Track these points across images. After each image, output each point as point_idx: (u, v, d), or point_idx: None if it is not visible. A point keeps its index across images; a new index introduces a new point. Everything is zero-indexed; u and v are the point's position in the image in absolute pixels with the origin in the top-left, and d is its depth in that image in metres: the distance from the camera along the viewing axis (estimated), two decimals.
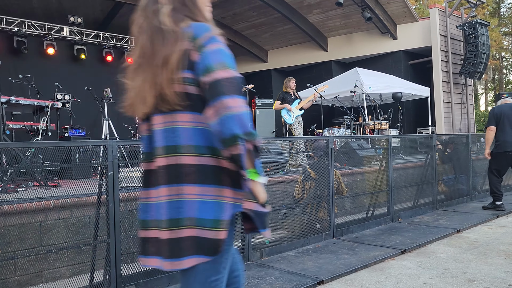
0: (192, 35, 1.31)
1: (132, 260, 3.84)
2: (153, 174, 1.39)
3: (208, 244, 1.31)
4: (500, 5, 26.63)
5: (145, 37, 1.37)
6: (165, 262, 1.34)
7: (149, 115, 1.39)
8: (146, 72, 1.35)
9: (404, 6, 10.89)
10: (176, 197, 1.33)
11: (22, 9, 10.02)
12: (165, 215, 1.33)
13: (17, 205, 3.41)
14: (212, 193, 1.32)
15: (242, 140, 1.22)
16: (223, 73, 1.26)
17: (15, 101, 5.55)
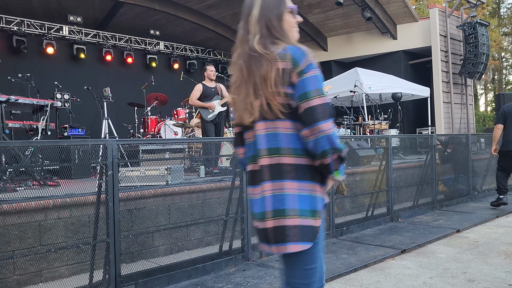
0: (291, 58, 1.54)
1: (131, 259, 3.83)
2: (258, 173, 1.61)
3: (308, 231, 1.54)
4: (500, 5, 26.64)
5: (242, 62, 1.65)
6: (273, 247, 1.57)
7: (252, 123, 1.63)
8: (248, 88, 1.61)
9: (404, 6, 10.88)
10: (279, 191, 1.55)
11: (21, 8, 10.00)
12: (270, 207, 1.56)
13: (16, 204, 3.40)
14: (308, 188, 1.55)
15: (330, 154, 1.51)
16: (318, 101, 1.50)
17: (15, 100, 5.54)
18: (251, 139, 1.67)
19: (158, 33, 11.86)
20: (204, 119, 6.43)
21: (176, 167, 4.76)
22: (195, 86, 6.56)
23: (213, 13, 11.77)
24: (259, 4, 1.65)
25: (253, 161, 1.65)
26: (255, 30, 1.63)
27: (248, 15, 1.67)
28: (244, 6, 1.70)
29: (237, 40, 1.72)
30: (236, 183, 4.08)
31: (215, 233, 4.48)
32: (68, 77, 9.81)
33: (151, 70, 11.86)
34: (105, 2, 10.47)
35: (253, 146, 1.66)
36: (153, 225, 4.11)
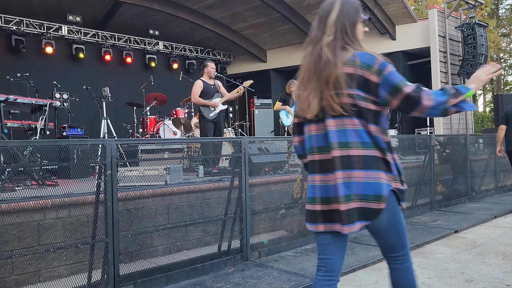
0: (360, 63, 1.75)
1: (130, 259, 3.83)
2: (330, 162, 1.82)
3: (369, 212, 1.78)
4: (499, 6, 26.69)
5: (312, 60, 1.83)
6: (344, 227, 1.80)
7: (319, 118, 1.84)
8: (312, 86, 1.82)
9: (403, 7, 10.90)
10: (348, 179, 1.78)
11: (20, 7, 9.99)
12: (342, 192, 1.78)
13: (15, 204, 3.40)
14: (373, 176, 1.77)
15: (446, 105, 1.72)
16: (407, 89, 1.72)
17: (13, 100, 5.53)
18: (314, 132, 1.88)
19: (157, 33, 11.85)
20: (206, 117, 6.32)
21: (175, 167, 4.76)
22: (195, 82, 6.45)
23: (212, 13, 11.76)
24: (338, 9, 1.83)
25: (319, 152, 1.87)
26: (329, 32, 1.81)
27: (326, 17, 1.84)
28: (322, 8, 1.88)
29: (310, 38, 1.91)
30: (235, 183, 4.08)
31: (214, 233, 4.48)
32: (67, 77, 9.79)
33: (150, 70, 11.86)
34: (104, 1, 10.46)
35: (316, 138, 1.87)
36: (152, 225, 4.11)
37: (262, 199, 4.98)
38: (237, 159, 4.07)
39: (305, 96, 1.83)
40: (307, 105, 1.82)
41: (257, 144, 5.58)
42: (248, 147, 4.05)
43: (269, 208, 4.94)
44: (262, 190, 5.13)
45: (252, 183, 4.50)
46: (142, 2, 10.53)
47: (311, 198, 1.91)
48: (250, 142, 4.36)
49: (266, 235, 4.71)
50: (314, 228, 1.93)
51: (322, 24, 1.85)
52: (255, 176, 4.99)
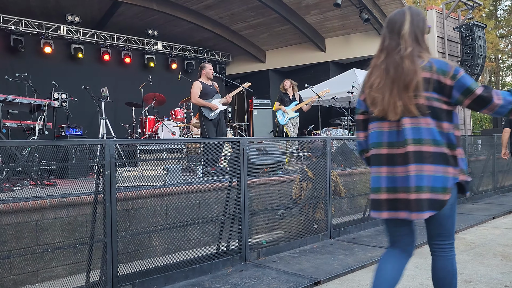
0: (437, 69, 1.98)
1: (128, 259, 3.83)
2: (399, 156, 2.03)
3: (436, 203, 1.99)
4: (497, 7, 26.74)
5: (392, 68, 2.03)
6: (413, 214, 2.01)
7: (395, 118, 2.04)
8: (393, 90, 2.02)
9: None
10: (419, 172, 1.97)
11: (19, 7, 9.97)
12: (413, 183, 1.98)
13: (13, 204, 3.39)
14: (441, 170, 1.99)
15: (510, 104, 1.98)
16: (479, 90, 1.96)
17: (12, 100, 5.52)
18: (386, 128, 2.09)
19: (156, 33, 11.85)
20: (207, 117, 6.31)
21: (173, 167, 4.76)
22: (194, 83, 6.44)
23: (211, 14, 11.76)
24: (409, 21, 2.06)
25: (388, 147, 2.08)
26: (406, 43, 2.03)
27: (399, 29, 2.06)
28: (393, 19, 2.11)
29: (384, 48, 2.11)
30: (233, 184, 4.07)
31: (213, 234, 4.48)
32: (66, 77, 9.78)
33: (149, 70, 11.85)
34: (103, 1, 10.45)
35: (388, 135, 2.09)
36: (151, 225, 4.11)
37: (261, 200, 4.98)
38: (235, 160, 4.07)
39: (382, 99, 2.05)
40: (389, 107, 2.03)
41: (256, 145, 5.58)
42: (246, 148, 4.05)
43: (268, 209, 4.94)
44: (261, 190, 5.13)
45: (250, 183, 4.50)
46: (141, 2, 10.53)
47: (376, 188, 2.11)
48: (249, 142, 4.36)
49: (265, 235, 4.71)
50: (378, 215, 2.14)
51: (396, 35, 2.07)
52: (253, 177, 4.99)
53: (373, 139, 2.14)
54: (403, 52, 2.01)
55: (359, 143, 2.32)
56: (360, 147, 2.32)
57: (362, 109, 2.22)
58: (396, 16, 2.10)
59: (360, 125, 2.26)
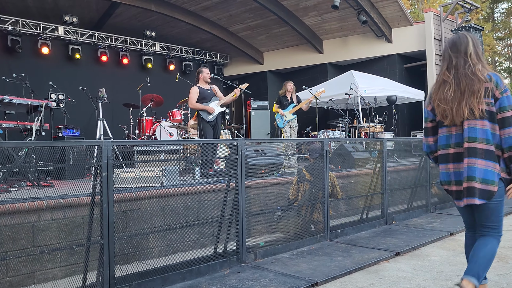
0: (494, 81, 2.46)
1: (125, 261, 3.81)
2: (461, 153, 2.51)
3: (485, 193, 2.44)
4: (494, 10, 26.86)
5: (460, 80, 2.52)
6: (464, 200, 2.49)
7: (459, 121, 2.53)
8: (461, 100, 2.49)
9: (399, 10, 10.95)
10: (472, 165, 2.45)
11: (16, 8, 9.95)
12: (465, 174, 2.47)
13: (10, 205, 3.38)
14: (491, 165, 2.45)
15: None
16: (509, 113, 2.42)
17: (9, 100, 5.50)
18: (454, 132, 2.57)
19: (154, 34, 11.84)
20: (205, 120, 6.35)
21: (171, 168, 4.75)
22: (191, 89, 6.49)
23: (209, 15, 11.76)
24: (472, 44, 2.56)
25: (455, 147, 2.56)
26: (473, 60, 2.53)
27: (466, 50, 2.55)
28: (459, 43, 2.58)
29: (452, 66, 2.58)
30: (231, 185, 4.07)
31: (210, 235, 4.47)
32: (63, 78, 9.76)
33: (146, 71, 11.84)
34: (101, 2, 10.44)
35: (455, 137, 2.56)
36: (148, 226, 4.10)
37: (258, 201, 4.98)
38: (233, 161, 4.06)
39: (451, 108, 2.53)
40: (457, 114, 2.51)
41: (253, 146, 5.58)
42: (244, 149, 4.05)
43: (265, 210, 4.94)
44: (258, 192, 5.13)
45: (248, 185, 4.50)
46: (139, 3, 10.52)
47: (447, 181, 2.63)
48: (246, 144, 4.36)
49: (262, 237, 4.70)
50: (458, 204, 2.61)
51: (463, 54, 2.55)
52: (251, 178, 4.99)
53: (442, 141, 2.64)
54: (472, 68, 2.50)
55: (428, 146, 2.77)
56: (429, 149, 2.78)
57: (430, 118, 2.72)
58: (460, 40, 2.59)
59: (429, 132, 2.75)
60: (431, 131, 2.73)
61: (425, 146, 2.81)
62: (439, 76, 2.63)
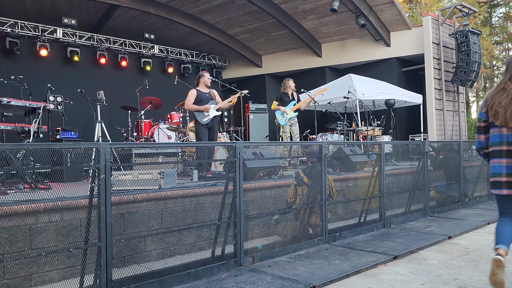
0: None
1: (123, 264, 3.80)
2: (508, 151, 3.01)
3: None
4: (492, 14, 26.98)
5: None
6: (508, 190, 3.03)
7: None
8: None
9: (397, 14, 10.99)
10: None
11: (15, 10, 9.95)
12: None
13: (7, 207, 3.36)
14: None
15: None
16: None
17: (7, 102, 5.50)
18: (505, 132, 3.03)
19: (152, 36, 11.85)
20: (199, 122, 6.41)
21: (169, 171, 4.75)
22: (189, 91, 6.56)
23: (208, 18, 11.78)
24: None
25: (507, 145, 3.02)
26: None
27: None
28: None
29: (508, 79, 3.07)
30: (229, 188, 4.07)
31: (208, 238, 4.46)
32: (62, 80, 9.75)
33: (145, 73, 11.84)
34: (99, 4, 10.44)
35: (507, 136, 3.02)
36: (145, 229, 4.09)
37: (256, 204, 4.98)
38: (231, 164, 4.06)
39: (508, 114, 2.98)
40: (510, 118, 2.97)
41: (251, 149, 5.58)
42: (242, 152, 4.05)
43: (263, 213, 4.94)
44: (256, 195, 5.13)
45: (246, 188, 4.50)
46: (138, 6, 10.53)
47: (498, 173, 3.06)
48: (244, 147, 4.36)
49: (260, 240, 4.70)
50: (499, 192, 3.09)
51: None
52: (249, 181, 4.99)
53: (495, 139, 3.08)
54: None
55: (479, 142, 3.22)
56: (480, 145, 3.22)
57: (483, 118, 3.16)
58: None
59: (481, 130, 3.19)
60: (483, 130, 3.18)
61: (477, 143, 3.23)
62: (500, 84, 3.08)
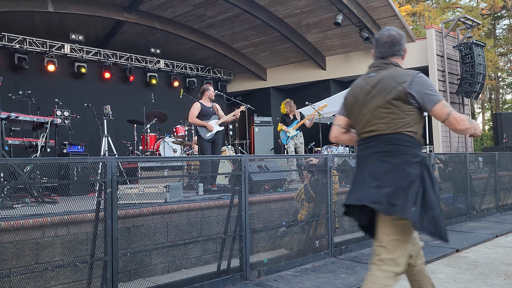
0: None
1: (128, 278, 3.79)
2: None
3: None
4: (496, 26, 27.05)
5: None
6: None
7: None
8: None
9: (401, 27, 11.05)
10: None
11: (23, 26, 10.13)
12: None
13: (14, 221, 3.38)
14: None
15: None
16: None
17: (15, 117, 5.56)
18: None
19: (158, 51, 11.99)
20: (202, 137, 6.46)
21: (174, 184, 4.76)
22: (193, 104, 6.62)
23: (212, 32, 11.92)
24: None
25: None
26: None
27: None
28: None
29: None
30: (235, 201, 4.07)
31: (213, 252, 4.45)
32: (69, 94, 9.86)
33: (151, 87, 11.95)
34: (106, 20, 10.61)
35: None
36: (151, 243, 4.08)
37: (262, 217, 4.96)
38: (237, 177, 4.07)
39: None
40: None
41: (257, 162, 5.58)
42: (248, 165, 4.06)
43: (269, 226, 4.92)
44: (262, 208, 5.12)
45: (251, 201, 4.49)
46: (144, 21, 10.69)
47: None
48: (250, 160, 4.37)
49: (266, 253, 4.67)
50: None
51: None
52: (254, 194, 4.98)
53: None
54: None
55: None
56: None
57: None
58: None
59: None
60: None
61: None
62: None
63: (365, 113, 2.36)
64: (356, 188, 2.38)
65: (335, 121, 2.64)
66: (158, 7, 10.49)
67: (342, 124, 2.58)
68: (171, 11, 10.73)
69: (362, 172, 2.39)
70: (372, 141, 2.35)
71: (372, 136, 2.35)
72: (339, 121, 2.60)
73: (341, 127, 2.59)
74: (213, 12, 10.75)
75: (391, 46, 2.39)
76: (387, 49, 2.39)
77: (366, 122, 2.36)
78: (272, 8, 10.67)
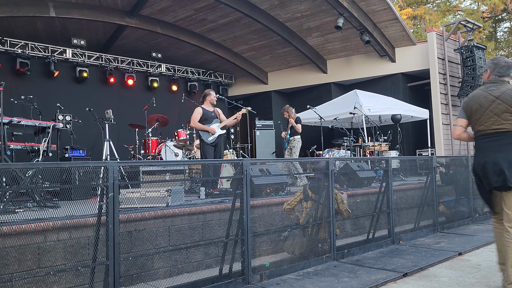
0: None
1: (130, 282, 3.79)
2: None
3: None
4: (497, 29, 27.07)
5: None
6: None
7: None
8: None
9: (402, 30, 11.07)
10: None
11: (26, 31, 10.18)
12: None
13: (16, 226, 3.39)
14: None
15: None
16: None
17: (17, 122, 5.58)
18: None
19: (160, 55, 12.03)
20: (205, 141, 6.49)
21: (176, 188, 4.76)
22: (195, 109, 6.65)
23: (214, 36, 11.95)
24: None
25: None
26: None
27: None
28: None
29: None
30: (236, 205, 4.07)
31: (215, 256, 4.44)
32: (71, 99, 9.90)
33: (152, 91, 11.98)
34: (108, 25, 10.66)
35: None
36: (153, 247, 4.08)
37: (264, 221, 4.96)
38: (238, 181, 4.07)
39: None
40: None
41: (258, 166, 5.59)
42: (249, 169, 4.06)
43: (271, 230, 4.91)
44: (264, 211, 5.11)
45: (253, 204, 4.49)
46: (145, 26, 10.73)
47: None
48: (251, 163, 4.37)
49: (268, 257, 4.66)
50: None
51: None
52: (256, 198, 4.98)
53: None
54: None
55: None
56: None
57: None
58: None
59: None
60: None
61: None
62: None
63: (491, 115, 3.35)
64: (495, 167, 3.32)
65: (457, 123, 3.63)
66: (159, 11, 10.54)
67: (464, 125, 3.59)
68: (173, 15, 10.77)
69: (493, 156, 3.36)
70: (500, 135, 3.33)
71: (499, 132, 3.33)
72: (461, 123, 3.61)
73: (463, 127, 3.59)
74: (214, 16, 10.78)
75: (508, 69, 3.42)
76: (505, 71, 3.40)
77: (492, 123, 3.35)
78: (273, 12, 10.71)
